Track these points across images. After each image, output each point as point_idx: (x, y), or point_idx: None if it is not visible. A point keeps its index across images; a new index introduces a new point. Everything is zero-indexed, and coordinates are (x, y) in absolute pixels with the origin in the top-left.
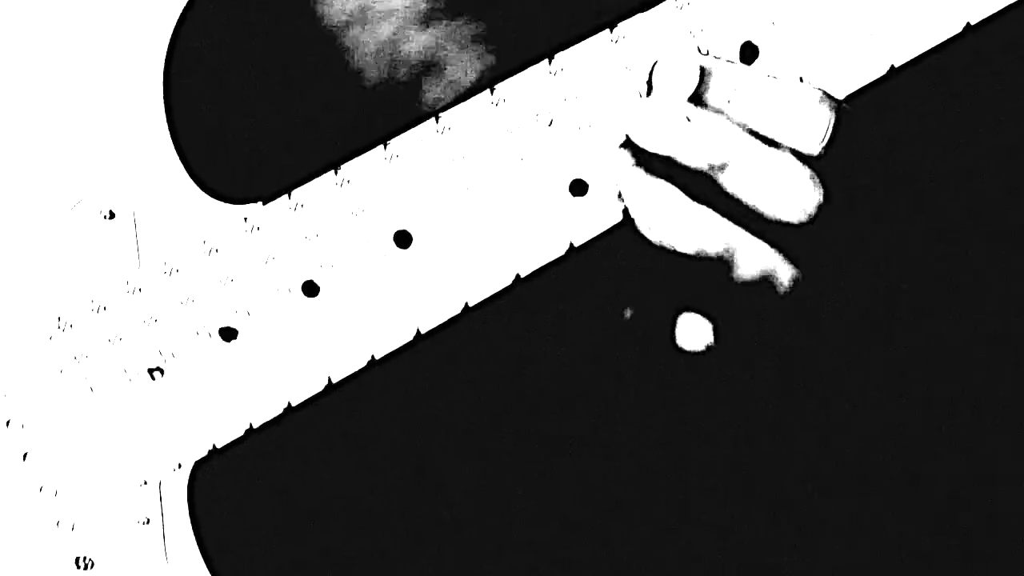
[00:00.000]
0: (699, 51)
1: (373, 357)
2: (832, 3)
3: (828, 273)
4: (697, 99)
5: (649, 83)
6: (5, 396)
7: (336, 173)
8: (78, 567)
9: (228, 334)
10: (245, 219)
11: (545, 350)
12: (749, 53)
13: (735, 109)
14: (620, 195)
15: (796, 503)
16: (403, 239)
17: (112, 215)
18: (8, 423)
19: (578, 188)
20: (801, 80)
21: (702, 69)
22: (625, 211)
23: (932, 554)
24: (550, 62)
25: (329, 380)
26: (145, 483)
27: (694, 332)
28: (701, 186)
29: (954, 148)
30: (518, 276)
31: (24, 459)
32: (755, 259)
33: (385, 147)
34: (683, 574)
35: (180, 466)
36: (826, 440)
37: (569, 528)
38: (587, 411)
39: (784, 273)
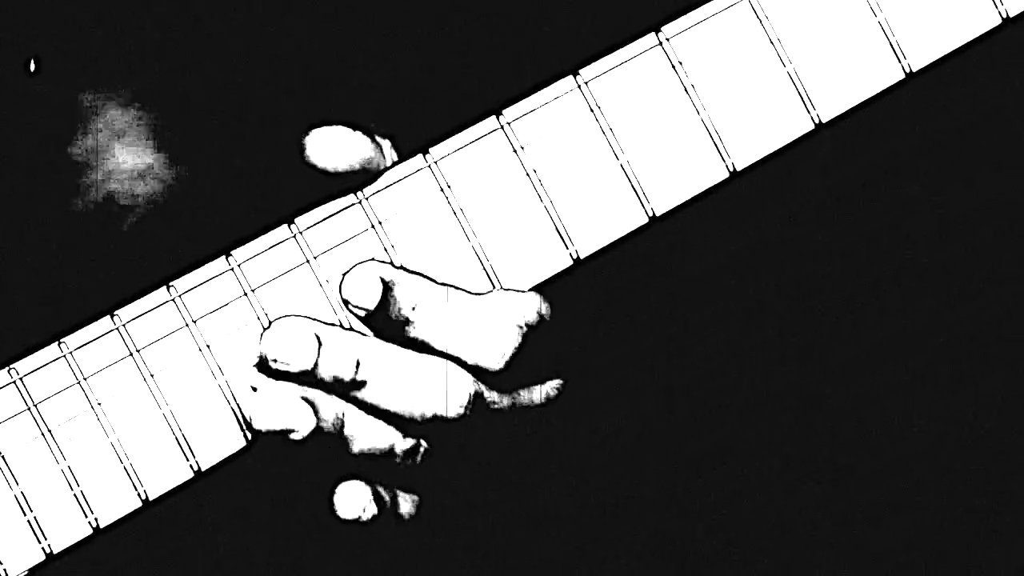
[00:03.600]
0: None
1: (97, 523)
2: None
3: None
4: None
5: (340, 295)
6: None
7: (60, 345)
8: None
9: None
10: None
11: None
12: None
13: (418, 317)
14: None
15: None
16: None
17: None
18: None
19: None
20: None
21: (384, 282)
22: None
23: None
24: (227, 258)
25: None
26: None
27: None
28: None
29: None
30: (198, 470)
31: None
32: (367, 433)
33: (58, 346)
34: None
35: None
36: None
37: None
38: None
39: (400, 444)
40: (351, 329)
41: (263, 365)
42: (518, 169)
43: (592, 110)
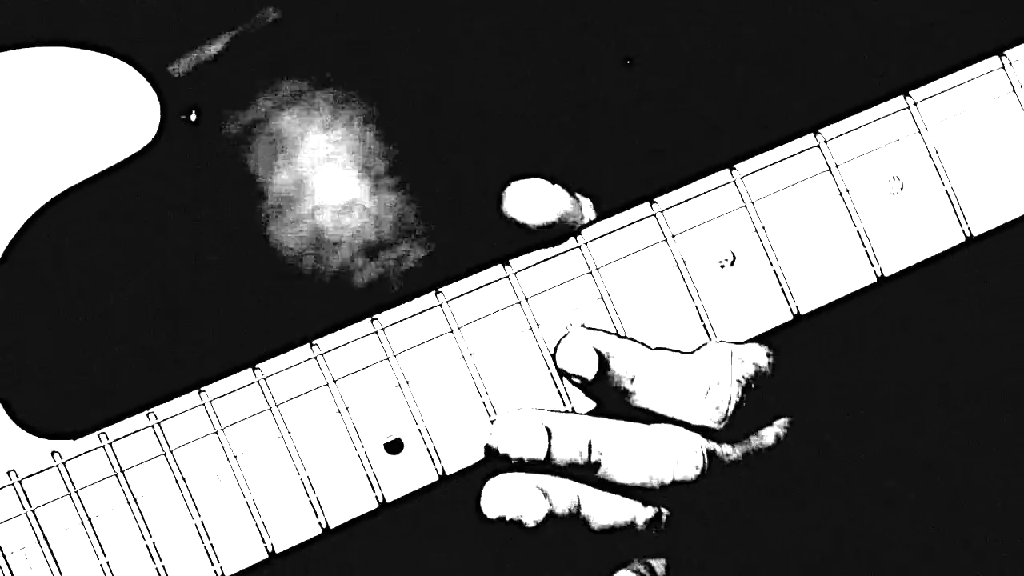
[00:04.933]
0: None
1: (223, 571)
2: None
3: None
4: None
5: (554, 360)
6: None
7: (148, 416)
8: None
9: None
10: (53, 453)
11: None
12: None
13: (638, 387)
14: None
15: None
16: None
17: None
18: None
19: (393, 447)
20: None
21: (600, 354)
22: (441, 472)
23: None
24: (372, 321)
25: None
26: None
27: None
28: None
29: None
30: (326, 527)
31: None
32: (605, 510)
33: (200, 392)
34: None
35: None
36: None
37: None
38: None
39: (642, 515)
40: (574, 411)
41: (492, 456)
42: (667, 258)
43: (746, 206)
